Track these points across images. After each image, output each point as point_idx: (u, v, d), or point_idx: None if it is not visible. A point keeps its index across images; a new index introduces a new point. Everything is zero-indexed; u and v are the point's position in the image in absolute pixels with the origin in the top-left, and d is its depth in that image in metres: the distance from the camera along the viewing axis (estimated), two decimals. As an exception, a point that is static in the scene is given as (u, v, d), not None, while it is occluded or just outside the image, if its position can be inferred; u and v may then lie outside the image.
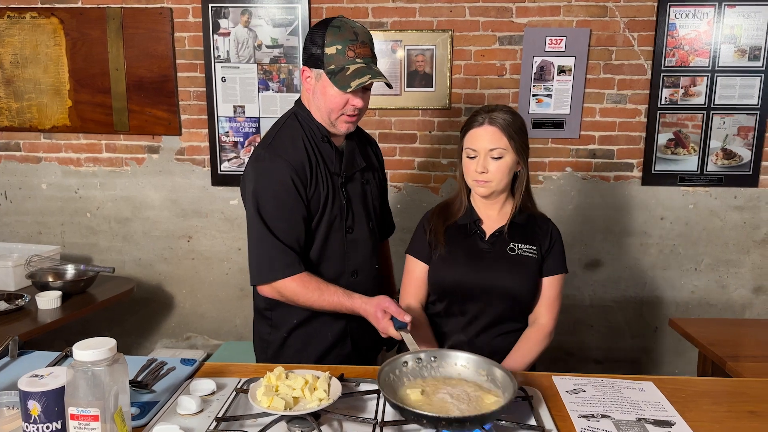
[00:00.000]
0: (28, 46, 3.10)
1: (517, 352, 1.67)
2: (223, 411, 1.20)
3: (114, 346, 1.02)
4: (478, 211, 1.75)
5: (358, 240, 1.73)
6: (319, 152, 1.65)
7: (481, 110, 1.67)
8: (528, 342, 1.69)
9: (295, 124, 1.67)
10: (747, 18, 2.84)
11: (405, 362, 1.30)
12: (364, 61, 1.56)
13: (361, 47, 1.56)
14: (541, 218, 1.77)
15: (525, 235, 1.72)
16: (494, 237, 1.71)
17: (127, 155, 3.21)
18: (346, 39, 1.54)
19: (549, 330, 1.71)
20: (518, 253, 1.69)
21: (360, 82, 1.53)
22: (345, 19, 1.58)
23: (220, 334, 3.35)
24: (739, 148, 2.96)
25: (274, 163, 1.59)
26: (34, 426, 1.01)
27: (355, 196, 1.72)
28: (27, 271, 2.69)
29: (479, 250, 1.71)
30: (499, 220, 1.73)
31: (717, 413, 1.27)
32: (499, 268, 1.68)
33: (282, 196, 1.59)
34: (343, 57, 1.54)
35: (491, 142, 1.62)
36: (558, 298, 1.74)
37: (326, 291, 1.59)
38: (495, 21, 2.92)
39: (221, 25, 3.00)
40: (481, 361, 1.31)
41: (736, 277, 3.11)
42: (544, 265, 1.72)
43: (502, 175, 1.65)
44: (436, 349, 1.35)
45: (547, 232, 1.74)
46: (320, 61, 1.56)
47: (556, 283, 1.73)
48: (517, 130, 1.65)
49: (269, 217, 1.58)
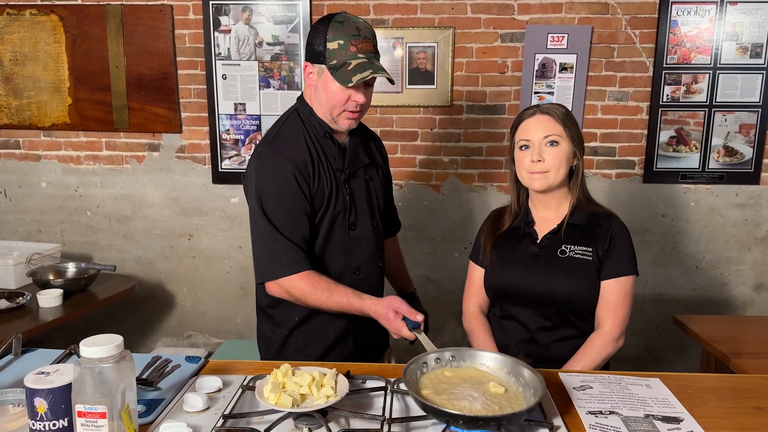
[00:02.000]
0: (28, 44, 3.09)
1: (578, 360, 1.59)
2: (229, 408, 1.19)
3: (121, 343, 1.02)
4: (534, 212, 1.69)
5: (361, 237, 1.71)
6: (322, 149, 1.64)
7: (529, 106, 1.65)
8: (590, 349, 1.60)
9: (297, 120, 1.66)
10: (749, 15, 2.84)
11: (425, 362, 1.27)
12: (366, 56, 1.55)
13: (363, 42, 1.55)
14: (604, 216, 1.64)
15: (582, 236, 1.61)
16: (546, 239, 1.64)
17: (127, 153, 3.19)
18: (348, 34, 1.53)
19: (614, 336, 1.59)
20: (569, 255, 1.60)
21: (361, 77, 1.51)
22: (348, 15, 1.57)
23: (220, 333, 3.34)
24: (741, 146, 2.97)
25: (277, 160, 1.58)
26: (41, 423, 1.00)
27: (359, 192, 1.71)
28: (28, 269, 2.68)
29: (529, 254, 1.64)
30: (555, 221, 1.65)
31: (724, 409, 1.27)
32: (547, 272, 1.60)
33: (285, 194, 1.58)
34: (344, 52, 1.53)
35: (545, 130, 1.57)
36: (623, 302, 1.60)
37: (335, 291, 1.57)
38: (497, 18, 2.92)
39: (222, 22, 2.99)
40: (502, 358, 1.27)
41: (737, 275, 3.11)
42: (602, 267, 1.59)
43: (560, 162, 1.57)
44: (457, 348, 1.31)
45: (607, 231, 1.61)
46: (322, 56, 1.55)
47: (618, 286, 1.59)
48: (572, 120, 1.61)
49: (273, 215, 1.57)
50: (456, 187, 3.09)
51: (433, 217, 3.12)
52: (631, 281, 1.61)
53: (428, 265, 3.14)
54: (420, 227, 3.13)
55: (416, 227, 3.13)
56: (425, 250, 3.14)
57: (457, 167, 3.08)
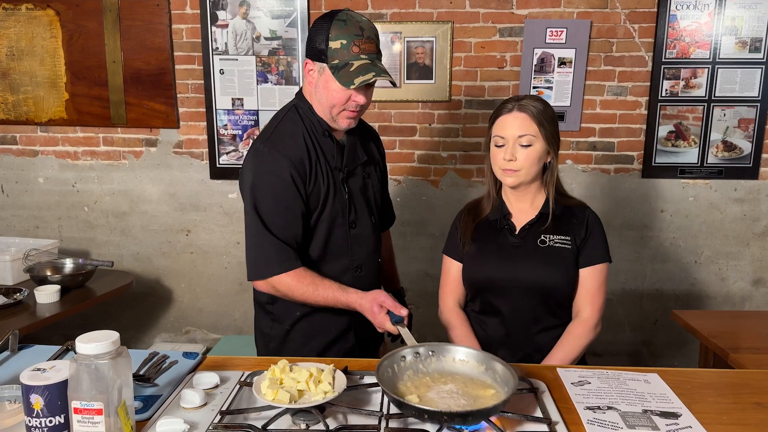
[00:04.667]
0: (24, 39, 3.07)
1: (560, 349, 1.62)
2: (227, 404, 1.19)
3: (117, 339, 1.01)
4: (509, 205, 1.70)
5: (361, 235, 1.70)
6: (320, 147, 1.62)
7: (510, 98, 1.64)
8: (570, 337, 1.63)
9: (296, 117, 1.64)
10: (748, 9, 2.83)
11: (403, 356, 1.28)
12: (369, 58, 1.52)
13: (366, 43, 1.52)
14: (577, 207, 1.70)
15: (559, 226, 1.66)
16: (524, 230, 1.67)
17: (124, 148, 3.18)
18: (351, 34, 1.50)
19: (593, 323, 1.64)
20: (549, 245, 1.63)
21: (364, 80, 1.49)
22: (351, 13, 1.54)
23: (219, 329, 3.34)
24: (740, 140, 2.96)
25: (273, 157, 1.56)
26: (37, 420, 1.00)
27: (357, 190, 1.70)
28: (25, 265, 2.67)
29: (509, 245, 1.66)
30: (531, 213, 1.68)
31: (722, 405, 1.26)
32: (529, 262, 1.63)
33: (280, 193, 1.56)
34: (347, 52, 1.50)
35: (520, 129, 1.58)
36: (600, 290, 1.66)
37: (321, 285, 1.57)
38: (495, 12, 2.90)
39: (219, 16, 2.98)
40: (480, 355, 1.29)
41: (735, 270, 3.11)
42: (580, 255, 1.65)
43: (531, 163, 1.60)
44: (434, 343, 1.33)
45: (582, 221, 1.66)
46: (324, 54, 1.53)
47: (595, 274, 1.65)
48: (548, 118, 1.61)
49: (266, 214, 1.56)
50: (454, 182, 3.09)
51: (431, 213, 3.12)
52: (606, 269, 1.67)
53: (427, 260, 3.14)
54: (418, 223, 3.13)
55: (415, 223, 3.12)
56: (424, 246, 3.14)
57: (455, 162, 3.07)
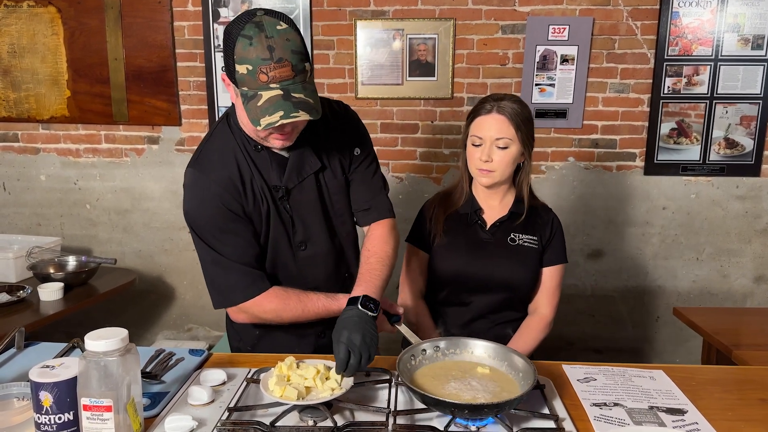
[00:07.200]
0: (26, 36, 3.06)
1: (518, 341, 1.69)
2: (234, 401, 1.19)
3: (126, 336, 1.01)
4: (479, 200, 1.74)
5: (315, 255, 1.51)
6: (254, 163, 1.42)
7: (489, 98, 1.66)
8: (529, 331, 1.71)
9: (226, 130, 1.44)
10: (750, 6, 2.83)
11: (424, 350, 1.30)
12: (281, 86, 1.23)
13: (276, 68, 1.21)
14: (542, 208, 1.77)
15: (526, 225, 1.71)
16: (495, 227, 1.72)
17: (126, 146, 3.18)
18: (257, 57, 1.21)
19: (549, 320, 1.73)
20: (519, 243, 1.70)
21: (269, 122, 1.22)
22: (264, 21, 1.23)
23: (221, 326, 3.32)
24: (742, 138, 2.96)
25: (202, 182, 1.41)
26: (46, 417, 1.00)
27: (306, 205, 1.48)
28: (28, 262, 2.67)
29: (480, 240, 1.71)
30: (501, 210, 1.73)
31: (728, 401, 1.27)
32: (499, 259, 1.68)
33: (218, 220, 1.40)
34: (254, 80, 1.23)
35: (498, 131, 1.61)
36: (558, 288, 1.76)
37: (308, 301, 1.43)
38: (497, 10, 2.90)
39: (221, 14, 2.97)
40: (499, 349, 1.30)
41: (737, 267, 3.11)
42: (544, 255, 1.73)
43: (506, 165, 1.64)
44: (454, 338, 1.34)
45: (548, 222, 1.74)
46: (233, 77, 1.27)
47: (556, 274, 1.74)
48: (525, 120, 1.63)
49: (213, 242, 1.41)
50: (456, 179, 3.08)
51: (433, 210, 3.12)
52: (563, 269, 1.77)
53: (429, 257, 3.14)
54: (420, 220, 3.12)
55: (417, 220, 3.12)
56: (426, 243, 3.14)
57: (457, 160, 3.06)
